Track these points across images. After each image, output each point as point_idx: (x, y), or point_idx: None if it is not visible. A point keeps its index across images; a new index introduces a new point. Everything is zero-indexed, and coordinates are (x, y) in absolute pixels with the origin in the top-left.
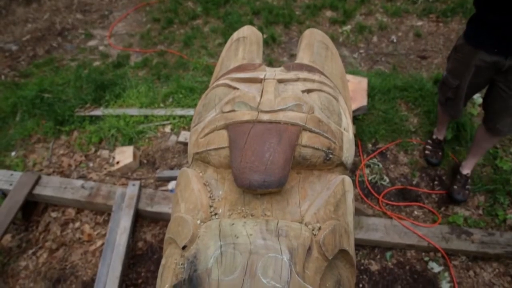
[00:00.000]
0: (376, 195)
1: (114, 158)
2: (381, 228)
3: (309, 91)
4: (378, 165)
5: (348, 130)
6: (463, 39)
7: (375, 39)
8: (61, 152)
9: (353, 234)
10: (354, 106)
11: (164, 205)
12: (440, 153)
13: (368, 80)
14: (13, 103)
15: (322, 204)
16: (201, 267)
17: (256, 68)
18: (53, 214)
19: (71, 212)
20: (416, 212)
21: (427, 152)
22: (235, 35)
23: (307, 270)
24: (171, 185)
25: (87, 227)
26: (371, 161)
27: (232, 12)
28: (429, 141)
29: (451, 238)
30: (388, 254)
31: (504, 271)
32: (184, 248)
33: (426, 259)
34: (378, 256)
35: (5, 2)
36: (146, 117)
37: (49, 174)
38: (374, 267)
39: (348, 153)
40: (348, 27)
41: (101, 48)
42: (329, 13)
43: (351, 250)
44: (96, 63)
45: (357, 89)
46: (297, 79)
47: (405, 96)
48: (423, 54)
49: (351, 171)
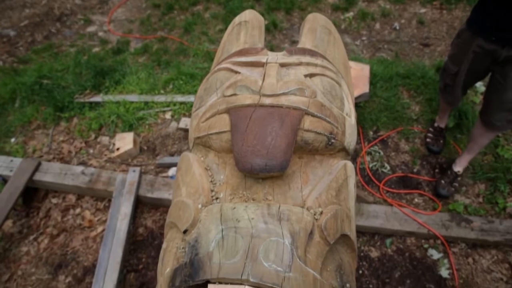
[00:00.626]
0: (377, 182)
1: (114, 144)
2: (381, 215)
3: (311, 75)
4: (379, 153)
5: (351, 115)
6: (465, 25)
7: (377, 26)
8: (61, 138)
9: (354, 219)
10: (356, 93)
11: (165, 191)
12: (441, 141)
13: (370, 67)
14: (12, 89)
15: (324, 189)
16: (202, 251)
17: (258, 52)
18: (54, 200)
19: (72, 198)
20: (416, 200)
21: (428, 140)
22: (237, 19)
23: (308, 254)
24: (172, 171)
25: (87, 213)
26: (372, 148)
27: None
28: (431, 129)
29: (451, 226)
30: (388, 241)
31: (502, 258)
32: (185, 232)
33: (426, 246)
34: (378, 243)
35: None
36: (146, 103)
37: (49, 161)
38: (374, 253)
39: (351, 138)
40: (350, 14)
41: (100, 34)
42: (331, 0)
43: (353, 235)
44: (96, 49)
45: (359, 76)
46: (299, 63)
47: (407, 83)
48: (426, 41)
49: (352, 158)
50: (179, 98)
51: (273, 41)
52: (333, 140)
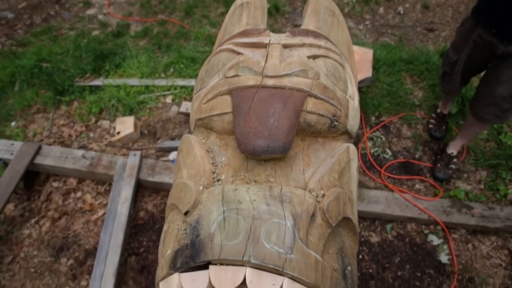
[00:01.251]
0: (378, 168)
1: (114, 128)
2: (382, 201)
3: (314, 57)
4: (381, 138)
5: (354, 98)
6: (470, 13)
7: (381, 10)
8: (61, 122)
9: (356, 202)
10: (358, 77)
11: (165, 175)
12: (443, 127)
13: (373, 52)
14: (11, 73)
15: (326, 171)
16: (203, 232)
17: (260, 33)
18: (55, 184)
19: (73, 182)
20: (417, 186)
21: (430, 126)
22: (239, 0)
23: (310, 237)
24: (172, 155)
25: (88, 197)
26: (374, 134)
27: None
28: (433, 115)
29: (452, 212)
30: (388, 227)
31: (502, 245)
32: (186, 213)
33: (426, 232)
34: (379, 228)
35: None
36: (147, 87)
37: (49, 145)
38: (374, 238)
39: (354, 121)
40: None
41: (100, 17)
42: None
43: (354, 218)
44: (95, 32)
45: (362, 60)
46: (302, 45)
47: (411, 69)
48: (430, 26)
49: (354, 143)
50: (180, 82)
51: (275, 25)
52: (336, 123)
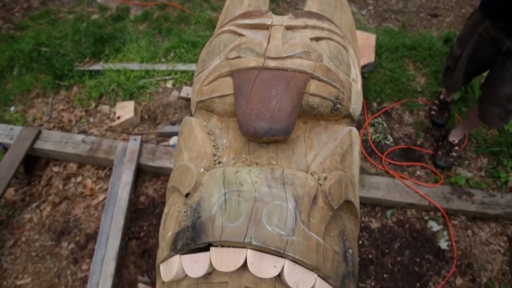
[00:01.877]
0: (379, 154)
1: (114, 113)
2: (383, 187)
3: (317, 39)
4: (383, 125)
5: (357, 81)
6: (478, 5)
7: None
8: (61, 107)
9: (358, 186)
10: (361, 63)
11: (166, 160)
12: (446, 114)
13: (376, 37)
14: (9, 57)
15: (328, 154)
16: (204, 214)
17: (263, 14)
18: (55, 169)
19: (73, 166)
20: (418, 172)
21: (433, 112)
22: None
23: (312, 219)
24: (173, 140)
25: (89, 182)
26: (375, 120)
27: None
28: (436, 101)
29: (452, 198)
30: (388, 213)
31: (501, 231)
32: (187, 195)
33: (426, 218)
34: (379, 214)
35: None
36: (147, 72)
37: (49, 129)
38: (375, 224)
39: (356, 104)
40: None
41: (99, 0)
42: None
43: (356, 201)
44: (95, 16)
45: (365, 45)
46: (305, 26)
47: (413, 55)
48: (434, 12)
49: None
50: (181, 66)
51: (277, 9)
52: (338, 106)
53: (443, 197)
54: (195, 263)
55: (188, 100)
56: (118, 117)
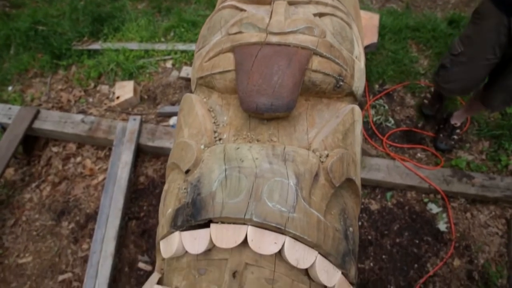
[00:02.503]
0: (380, 136)
1: (114, 93)
2: (383, 169)
3: (321, 14)
4: (384, 107)
5: (360, 59)
6: None
7: None
8: (60, 87)
9: (359, 165)
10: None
11: (166, 140)
12: (437, 106)
13: (379, 18)
14: (6, 35)
15: (330, 132)
16: (204, 191)
17: None
18: (54, 149)
19: (72, 147)
20: (419, 155)
21: (425, 101)
22: None
23: (313, 196)
24: (173, 120)
25: (88, 162)
26: (377, 102)
27: None
28: (428, 95)
29: (452, 181)
30: (388, 194)
31: (500, 214)
32: (187, 172)
33: (426, 200)
34: (379, 196)
35: None
36: (146, 51)
37: (48, 109)
38: (374, 206)
39: (359, 82)
40: None
41: None
42: None
43: (357, 180)
44: None
45: (368, 25)
46: (309, 2)
47: (417, 36)
48: None
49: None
50: (180, 46)
51: None
52: (341, 83)
53: (443, 180)
54: (195, 240)
55: (188, 80)
56: (118, 97)
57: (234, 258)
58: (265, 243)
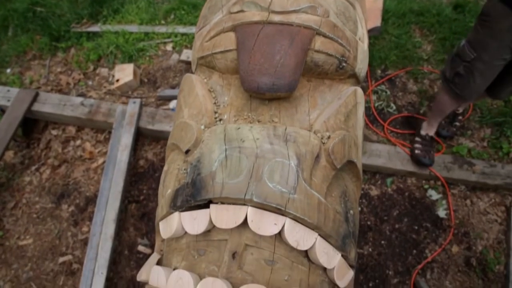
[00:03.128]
0: (381, 121)
1: (113, 76)
2: (384, 154)
3: None
4: (386, 92)
5: (363, 40)
6: None
7: None
8: (59, 69)
9: (361, 148)
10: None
11: (166, 124)
12: (432, 152)
13: (383, 1)
14: (3, 16)
15: (332, 114)
16: (204, 171)
17: None
18: (54, 132)
19: (72, 130)
20: None
21: (417, 151)
22: None
23: (314, 178)
24: (173, 104)
25: (88, 145)
26: (379, 87)
27: None
28: (417, 138)
29: (453, 168)
30: (388, 180)
31: (499, 201)
32: (187, 152)
33: (426, 186)
34: (379, 182)
35: None
36: (146, 34)
37: (47, 92)
38: (374, 192)
39: (362, 64)
40: None
41: None
42: None
43: (359, 163)
44: None
45: (371, 9)
46: None
47: (421, 21)
48: None
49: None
50: (181, 29)
51: None
52: (344, 64)
53: (444, 166)
54: (195, 220)
55: (188, 63)
56: (117, 80)
57: (234, 239)
58: (265, 224)
